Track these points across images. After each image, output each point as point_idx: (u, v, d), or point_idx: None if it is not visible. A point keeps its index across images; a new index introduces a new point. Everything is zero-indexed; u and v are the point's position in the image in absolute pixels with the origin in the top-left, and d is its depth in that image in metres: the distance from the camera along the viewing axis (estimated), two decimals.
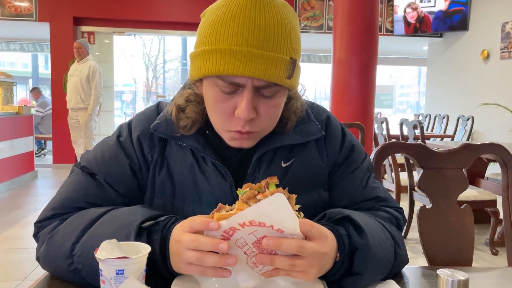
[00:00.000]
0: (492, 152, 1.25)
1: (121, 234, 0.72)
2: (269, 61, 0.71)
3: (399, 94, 27.52)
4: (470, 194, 2.97)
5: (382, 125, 4.36)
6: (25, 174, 5.47)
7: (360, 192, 0.90)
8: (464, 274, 0.67)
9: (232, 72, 0.70)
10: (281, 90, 0.77)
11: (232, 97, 0.75)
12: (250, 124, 0.76)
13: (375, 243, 0.74)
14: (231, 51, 0.70)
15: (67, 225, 0.79)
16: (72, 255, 0.75)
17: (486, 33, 6.22)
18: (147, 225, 0.73)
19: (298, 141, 0.86)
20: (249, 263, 0.66)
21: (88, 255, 0.72)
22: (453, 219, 1.21)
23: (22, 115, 5.35)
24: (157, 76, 20.31)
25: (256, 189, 0.65)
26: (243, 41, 0.70)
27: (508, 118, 5.43)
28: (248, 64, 0.70)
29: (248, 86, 0.73)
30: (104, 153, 0.87)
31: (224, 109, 0.76)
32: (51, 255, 0.78)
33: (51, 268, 0.79)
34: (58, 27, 6.46)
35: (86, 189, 0.84)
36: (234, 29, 0.71)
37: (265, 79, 0.71)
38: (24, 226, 3.62)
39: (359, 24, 4.04)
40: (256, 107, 0.75)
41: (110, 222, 0.76)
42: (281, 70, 0.72)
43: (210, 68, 0.72)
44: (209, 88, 0.77)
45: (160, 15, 6.67)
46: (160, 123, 0.85)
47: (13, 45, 11.06)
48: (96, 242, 0.69)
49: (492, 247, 3.03)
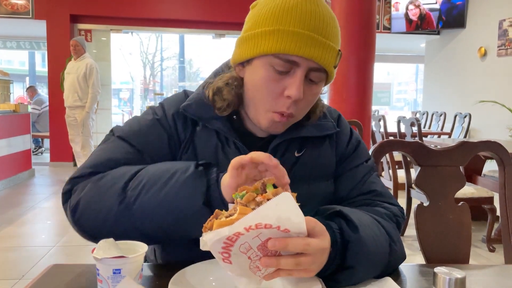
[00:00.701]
0: (489, 149, 1.25)
1: (178, 166, 0.76)
2: (325, 47, 0.78)
3: (397, 92, 27.54)
4: (467, 192, 2.98)
5: (379, 123, 4.37)
6: (23, 172, 5.45)
7: (359, 187, 0.93)
8: (461, 272, 0.67)
9: (293, 51, 0.77)
10: (323, 80, 0.84)
11: (283, 78, 0.80)
12: (294, 106, 0.81)
13: (367, 237, 0.75)
14: (295, 32, 0.77)
15: (117, 171, 0.80)
16: (125, 191, 0.76)
17: (483, 30, 6.23)
18: (204, 163, 0.77)
19: (314, 134, 0.91)
20: (251, 268, 0.65)
21: (143, 188, 0.74)
22: (450, 217, 1.21)
23: (19, 113, 5.33)
24: (155, 74, 20.26)
25: (252, 191, 0.63)
26: (305, 25, 0.77)
27: (505, 116, 5.44)
28: (308, 47, 0.77)
29: (303, 67, 0.79)
30: (141, 125, 0.90)
31: (274, 90, 0.80)
32: (100, 194, 0.77)
33: (95, 209, 0.77)
34: (54, 25, 6.43)
35: (126, 153, 0.86)
36: (297, 14, 0.77)
37: (320, 63, 0.79)
38: (22, 224, 3.61)
39: (356, 21, 4.03)
40: (303, 91, 0.80)
41: (163, 164, 0.79)
42: (332, 58, 0.80)
43: (270, 46, 0.78)
44: (260, 69, 0.81)
45: (157, 12, 6.65)
46: (190, 104, 0.89)
47: (10, 43, 11.01)
48: (152, 179, 0.74)
49: (489, 244, 3.04)
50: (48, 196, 4.63)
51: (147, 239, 0.74)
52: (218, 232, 0.58)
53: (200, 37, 13.76)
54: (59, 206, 4.22)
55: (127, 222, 0.75)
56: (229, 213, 0.62)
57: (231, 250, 0.61)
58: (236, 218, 0.58)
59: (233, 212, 0.61)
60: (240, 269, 0.64)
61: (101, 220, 0.77)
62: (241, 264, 0.63)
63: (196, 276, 0.73)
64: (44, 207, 4.20)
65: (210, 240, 0.59)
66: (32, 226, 3.60)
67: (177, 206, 0.73)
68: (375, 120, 4.39)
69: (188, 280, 0.72)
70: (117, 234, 0.73)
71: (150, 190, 0.74)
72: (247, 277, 0.66)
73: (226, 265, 0.64)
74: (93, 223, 0.78)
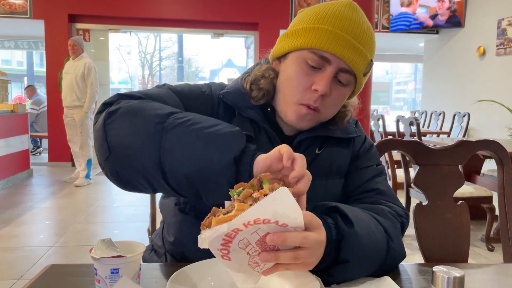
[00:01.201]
0: (488, 148, 1.25)
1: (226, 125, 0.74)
2: (358, 52, 0.84)
3: (396, 91, 27.57)
4: (466, 191, 2.98)
5: (378, 122, 4.37)
6: (21, 172, 5.45)
7: (365, 185, 0.96)
8: (460, 271, 0.67)
9: (327, 48, 0.82)
10: (352, 84, 0.88)
11: (314, 74, 0.85)
12: (320, 101, 0.85)
13: (362, 232, 0.76)
14: (332, 32, 0.83)
15: (167, 104, 0.81)
16: (168, 117, 0.74)
17: (482, 29, 6.24)
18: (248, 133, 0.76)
19: (337, 135, 0.96)
20: (250, 263, 0.65)
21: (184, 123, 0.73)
22: (449, 216, 1.21)
23: (17, 113, 5.33)
24: (153, 74, 20.26)
25: (249, 187, 0.64)
26: (343, 28, 0.83)
27: (504, 115, 5.45)
28: (342, 47, 0.82)
29: (334, 65, 0.84)
30: (191, 91, 0.93)
31: (304, 83, 0.85)
32: (144, 110, 0.75)
33: (131, 119, 0.75)
34: (53, 25, 6.42)
35: (175, 102, 0.87)
36: (337, 17, 0.84)
37: (350, 64, 0.84)
38: (20, 224, 3.60)
39: None
40: (331, 89, 0.85)
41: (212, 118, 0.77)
42: (362, 64, 0.85)
43: (307, 41, 0.84)
44: (294, 63, 0.87)
45: (155, 12, 6.64)
46: (229, 92, 0.94)
47: (8, 42, 11.00)
48: (199, 116, 0.76)
49: (488, 243, 3.05)
50: (46, 196, 4.62)
51: (163, 176, 0.71)
52: (216, 229, 0.58)
53: (199, 37, 13.77)
54: (57, 206, 4.22)
55: (154, 146, 0.71)
56: (227, 210, 0.62)
57: (230, 247, 0.61)
58: (234, 214, 0.59)
59: (231, 209, 0.61)
60: (239, 265, 0.65)
61: (132, 131, 0.74)
62: (240, 260, 0.64)
63: (194, 275, 0.73)
64: (43, 207, 4.19)
65: (209, 237, 0.59)
66: (31, 226, 3.59)
67: (209, 150, 0.70)
68: (374, 119, 4.39)
69: (187, 279, 0.72)
70: (138, 155, 0.71)
71: (191, 126, 0.72)
72: (245, 273, 0.67)
73: (225, 262, 0.64)
74: (122, 131, 0.74)
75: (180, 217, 0.94)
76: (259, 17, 6.77)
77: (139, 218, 3.86)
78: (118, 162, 0.75)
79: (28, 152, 5.68)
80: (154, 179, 0.73)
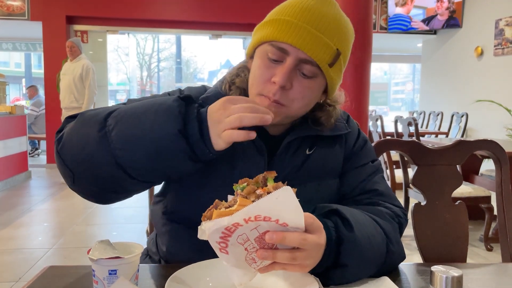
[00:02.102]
0: (486, 148, 1.26)
1: (160, 102, 0.75)
2: (317, 40, 0.79)
3: (394, 92, 27.61)
4: (465, 191, 2.99)
5: (377, 123, 4.37)
6: (19, 174, 5.43)
7: (362, 186, 0.94)
8: (458, 271, 0.67)
9: (283, 38, 0.79)
10: (319, 77, 0.83)
11: (275, 66, 0.82)
12: (280, 94, 0.81)
13: (362, 236, 0.76)
14: (289, 22, 0.80)
15: (104, 108, 0.81)
16: (107, 120, 0.75)
17: (480, 30, 6.25)
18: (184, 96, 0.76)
19: (327, 134, 0.93)
20: (247, 259, 0.65)
21: (124, 117, 0.74)
22: (447, 216, 1.21)
23: (15, 115, 5.31)
24: (152, 75, 20.25)
25: (253, 183, 0.64)
26: (302, 18, 0.80)
27: (502, 115, 5.46)
28: (299, 36, 0.79)
29: (293, 56, 0.80)
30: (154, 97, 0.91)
31: (264, 75, 0.83)
32: (84, 122, 0.78)
33: (76, 136, 0.77)
34: (50, 26, 6.41)
35: None
36: (298, 8, 0.81)
37: (309, 54, 0.79)
38: (18, 226, 3.60)
39: (352, 21, 4.01)
40: (292, 81, 0.81)
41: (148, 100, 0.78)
42: (325, 54, 0.80)
43: (265, 34, 0.82)
44: (258, 57, 0.85)
45: (153, 13, 6.64)
46: (209, 97, 0.91)
47: (6, 44, 10.99)
48: (134, 109, 0.74)
49: (487, 243, 3.05)
50: (44, 198, 4.61)
51: (124, 174, 0.74)
52: (217, 222, 0.59)
53: (197, 38, 13.77)
54: (56, 208, 4.21)
55: (105, 150, 0.73)
56: (229, 204, 0.62)
57: (228, 241, 0.61)
58: (235, 209, 0.59)
59: (233, 203, 0.61)
60: (236, 260, 0.65)
61: (80, 147, 0.76)
62: (237, 255, 0.64)
63: (192, 276, 0.73)
64: (41, 209, 4.18)
65: (209, 229, 0.60)
66: (29, 228, 3.58)
67: (153, 134, 0.72)
68: (372, 120, 4.40)
69: (185, 280, 0.72)
70: (94, 164, 0.74)
71: (129, 119, 0.73)
72: (242, 268, 0.67)
73: (222, 255, 0.64)
74: (73, 150, 0.77)
75: (170, 227, 0.92)
76: (257, 18, 6.73)
77: (137, 220, 3.85)
78: (84, 179, 0.78)
79: (26, 154, 5.66)
80: (121, 180, 0.75)
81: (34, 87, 8.29)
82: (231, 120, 0.69)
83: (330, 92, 0.89)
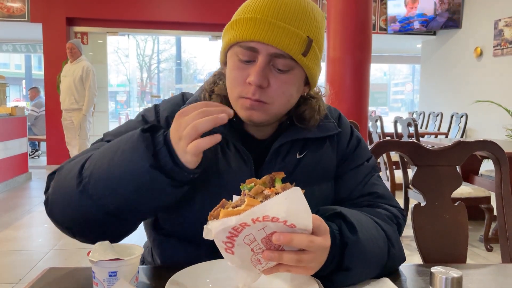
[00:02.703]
0: (485, 149, 1.26)
1: (125, 138, 0.74)
2: (285, 32, 0.76)
3: (393, 92, 27.60)
4: (465, 191, 2.99)
5: (376, 123, 4.38)
6: (19, 175, 5.43)
7: (360, 188, 0.93)
8: (458, 272, 0.67)
9: (249, 37, 0.77)
10: (296, 68, 0.81)
11: (248, 67, 0.80)
12: (260, 93, 0.79)
13: (366, 240, 0.75)
14: (252, 19, 0.77)
15: (77, 156, 0.82)
16: (81, 174, 0.75)
17: (479, 30, 6.25)
18: (148, 126, 0.74)
19: (316, 135, 0.90)
20: (253, 260, 0.65)
21: (96, 165, 0.74)
22: (447, 216, 1.21)
23: (15, 117, 5.32)
24: (152, 76, 20.25)
25: (260, 184, 0.64)
26: (264, 12, 0.77)
27: (502, 115, 5.46)
28: (265, 32, 0.76)
29: (263, 53, 0.78)
30: (129, 127, 0.89)
31: (239, 77, 0.80)
32: (61, 181, 0.78)
33: (60, 197, 0.78)
34: (51, 28, 6.42)
35: None
36: (258, 2, 0.79)
37: (279, 47, 0.76)
38: (18, 228, 3.60)
39: (352, 22, 4.04)
40: (268, 78, 0.79)
41: (114, 141, 0.78)
42: (295, 44, 0.77)
43: (231, 36, 0.80)
44: (230, 61, 0.83)
45: (153, 14, 6.64)
46: None
47: (6, 46, 11.00)
48: (103, 154, 0.73)
49: (487, 243, 3.05)
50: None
51: (118, 219, 0.74)
52: (224, 221, 0.58)
53: (197, 39, 13.76)
54: None
55: (89, 203, 0.73)
56: (236, 204, 0.62)
57: (235, 241, 0.61)
58: (243, 209, 0.58)
59: (240, 203, 0.61)
60: (241, 260, 0.64)
61: (66, 206, 0.76)
62: (243, 256, 0.63)
63: (192, 278, 0.73)
64: (41, 210, 4.18)
65: (216, 228, 0.59)
66: (29, 229, 3.58)
67: (127, 175, 0.71)
68: (372, 120, 4.40)
69: (185, 282, 0.72)
70: (86, 218, 0.74)
71: (101, 166, 0.73)
72: (247, 269, 0.66)
73: (227, 255, 0.64)
74: (61, 211, 0.78)
75: (162, 240, 0.91)
76: None
77: None
78: (82, 232, 0.80)
79: (27, 155, 5.67)
80: (118, 224, 0.76)
81: (35, 89, 8.29)
82: (187, 132, 0.67)
83: (312, 83, 0.87)
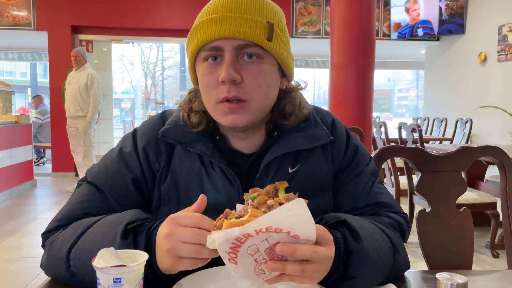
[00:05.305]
0: (490, 154, 1.25)
1: (109, 236, 0.73)
2: (243, 22, 0.77)
3: (397, 98, 27.56)
4: (470, 197, 2.97)
5: (380, 129, 4.37)
6: (24, 183, 5.46)
7: (363, 197, 0.90)
8: (463, 278, 0.66)
9: (209, 37, 0.77)
10: (266, 57, 0.80)
11: (218, 68, 0.79)
12: (235, 89, 0.78)
13: (370, 247, 0.75)
14: (208, 19, 0.78)
15: (66, 232, 0.82)
16: (68, 259, 0.77)
17: (483, 36, 6.25)
18: (133, 226, 0.73)
19: (307, 146, 0.87)
20: (256, 270, 0.65)
21: (80, 260, 0.75)
22: (452, 222, 1.21)
23: (21, 124, 5.35)
24: (156, 83, 20.35)
25: (264, 194, 0.63)
26: (218, 9, 0.78)
27: (507, 121, 5.44)
28: (223, 27, 0.76)
29: (227, 48, 0.77)
30: (108, 168, 0.89)
31: (211, 80, 0.79)
32: (51, 260, 0.81)
33: (53, 273, 0.82)
34: (56, 36, 6.47)
35: (91, 201, 0.86)
36: (211, 4, 0.80)
37: (241, 37, 0.76)
38: (23, 235, 3.60)
39: (355, 28, 4.05)
40: (240, 73, 0.78)
41: (101, 226, 0.77)
42: (257, 30, 0.77)
43: (195, 43, 0.79)
44: (199, 70, 0.82)
45: (158, 22, 6.69)
46: (169, 129, 0.87)
47: (12, 54, 11.08)
48: (87, 246, 0.73)
49: (493, 249, 3.02)
50: (50, 207, 4.63)
51: None
52: (227, 232, 0.58)
53: None
54: None
55: (81, 282, 0.77)
56: (239, 214, 0.62)
57: (238, 251, 0.61)
58: (247, 220, 0.58)
59: (243, 214, 0.61)
60: (244, 270, 0.64)
61: (60, 279, 0.81)
62: (246, 266, 0.63)
63: (197, 284, 0.73)
64: (46, 217, 4.19)
65: (219, 239, 0.59)
66: (34, 237, 3.59)
67: None
68: (376, 126, 4.39)
69: (189, 286, 0.72)
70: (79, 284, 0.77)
71: (86, 259, 0.73)
72: (250, 279, 0.66)
73: (231, 266, 0.64)
74: (58, 280, 0.82)
75: None
76: None
77: None
78: None
79: (32, 162, 5.70)
80: None
81: (39, 97, 8.36)
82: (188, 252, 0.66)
83: (288, 74, 0.85)
